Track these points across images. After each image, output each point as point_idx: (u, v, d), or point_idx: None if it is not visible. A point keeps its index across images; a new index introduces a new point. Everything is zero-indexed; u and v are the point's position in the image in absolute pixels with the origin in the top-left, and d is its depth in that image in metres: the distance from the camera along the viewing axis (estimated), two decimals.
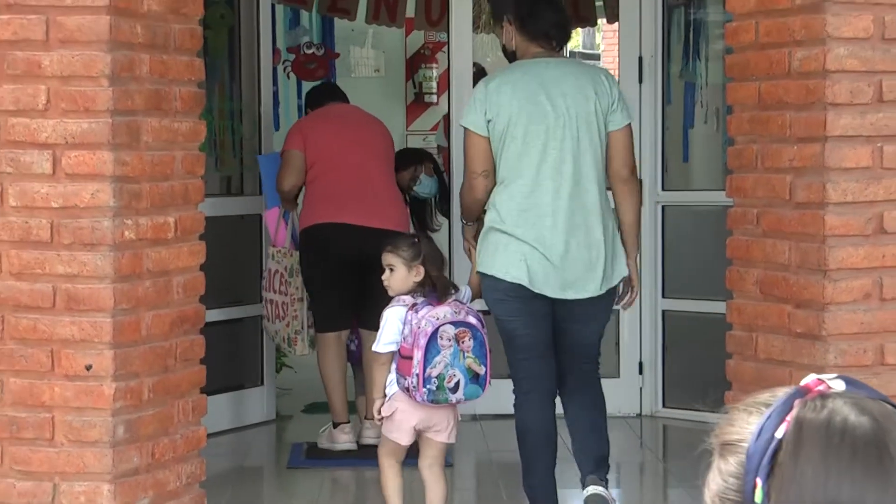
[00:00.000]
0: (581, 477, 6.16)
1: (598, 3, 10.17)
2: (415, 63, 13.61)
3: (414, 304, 5.72)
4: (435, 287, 5.77)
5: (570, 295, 6.00)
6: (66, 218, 4.63)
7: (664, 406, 8.61)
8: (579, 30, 13.97)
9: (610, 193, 6.17)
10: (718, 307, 5.38)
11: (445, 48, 9.16)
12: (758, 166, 4.98)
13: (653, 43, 8.61)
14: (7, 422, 4.68)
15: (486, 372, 5.86)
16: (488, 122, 6.03)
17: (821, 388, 1.63)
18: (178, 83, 4.89)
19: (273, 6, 8.99)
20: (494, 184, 6.06)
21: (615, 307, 6.39)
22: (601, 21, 11.30)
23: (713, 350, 5.43)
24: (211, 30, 7.42)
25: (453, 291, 5.94)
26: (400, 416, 5.70)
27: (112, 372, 4.63)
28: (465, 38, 8.65)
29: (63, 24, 4.58)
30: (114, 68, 4.60)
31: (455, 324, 5.71)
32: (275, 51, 9.75)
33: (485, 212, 6.07)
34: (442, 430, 5.79)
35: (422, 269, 5.72)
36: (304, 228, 7.54)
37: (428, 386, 5.55)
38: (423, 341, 5.57)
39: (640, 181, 8.31)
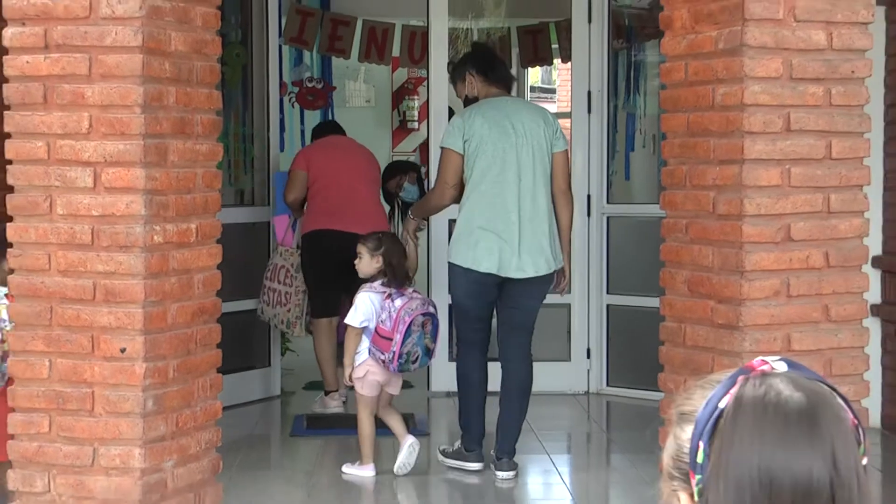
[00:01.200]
0: (495, 452, 6.59)
1: (553, 46, 10.16)
2: (400, 95, 13.73)
3: (389, 294, 6.27)
4: (395, 274, 6.36)
5: (527, 273, 6.43)
6: (105, 224, 4.62)
7: (608, 385, 8.61)
8: (538, 68, 13.95)
9: None
10: (653, 302, 5.40)
11: (426, 83, 9.18)
12: (686, 184, 4.97)
13: (600, 80, 8.63)
14: (55, 395, 4.67)
15: (434, 347, 6.58)
16: (465, 142, 6.46)
17: (764, 367, 1.62)
18: (200, 111, 4.89)
19: (280, 47, 9.00)
20: (458, 195, 6.56)
21: (552, 291, 6.74)
22: (556, 61, 11.27)
23: (649, 338, 5.46)
24: (228, 66, 7.46)
25: (409, 280, 6.55)
26: (371, 377, 6.37)
27: (143, 354, 4.61)
28: (441, 75, 8.65)
29: (103, 61, 4.58)
30: (145, 98, 4.59)
31: (424, 314, 6.36)
32: (281, 84, 9.77)
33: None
34: (395, 386, 6.60)
35: (381, 259, 6.34)
36: (304, 233, 7.81)
37: (400, 360, 6.27)
38: (402, 328, 6.19)
39: (589, 196, 8.46)
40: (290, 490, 6.46)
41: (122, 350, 4.63)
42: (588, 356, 8.69)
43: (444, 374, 8.62)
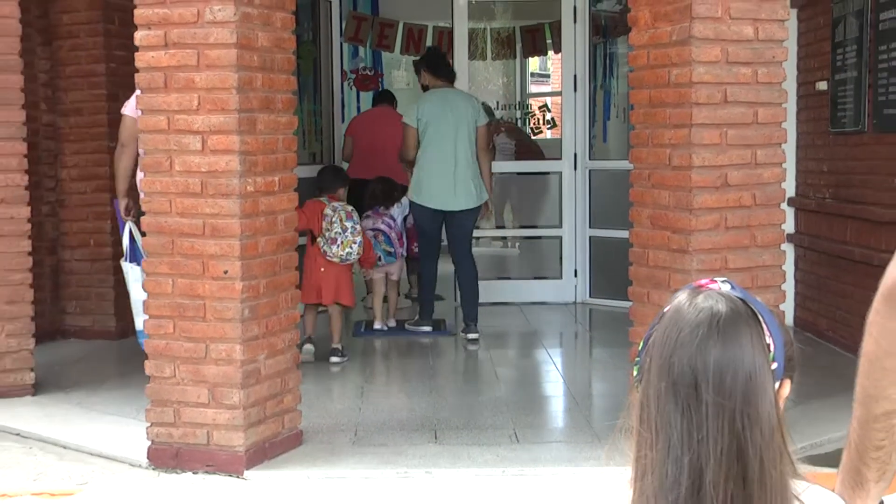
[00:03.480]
0: (464, 319, 7.37)
1: (548, 41, 10.11)
2: None
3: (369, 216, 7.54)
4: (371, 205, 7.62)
5: (460, 207, 7.29)
6: (210, 178, 4.62)
7: (590, 297, 8.66)
8: (537, 58, 13.86)
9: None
10: (624, 234, 5.38)
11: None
12: (649, 143, 4.92)
13: (583, 66, 8.62)
14: (177, 306, 4.70)
15: (395, 251, 7.61)
16: (418, 120, 7.30)
17: (712, 285, 1.51)
18: (280, 92, 4.86)
19: (341, 44, 9.01)
20: (416, 151, 7.34)
21: (480, 216, 7.62)
22: (550, 52, 11.20)
23: (621, 261, 5.48)
24: (301, 59, 7.43)
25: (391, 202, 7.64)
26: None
27: (240, 275, 4.62)
28: (463, 64, 8.68)
29: (208, 55, 4.58)
30: (239, 83, 4.58)
31: (373, 229, 7.45)
32: (342, 72, 9.79)
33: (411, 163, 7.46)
34: (395, 274, 7.74)
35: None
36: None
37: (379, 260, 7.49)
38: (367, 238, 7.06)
39: (575, 154, 8.41)
40: (349, 369, 6.55)
41: (225, 272, 4.64)
42: (575, 275, 8.76)
43: None
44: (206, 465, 4.71)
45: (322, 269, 6.65)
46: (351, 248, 6.60)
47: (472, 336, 7.25)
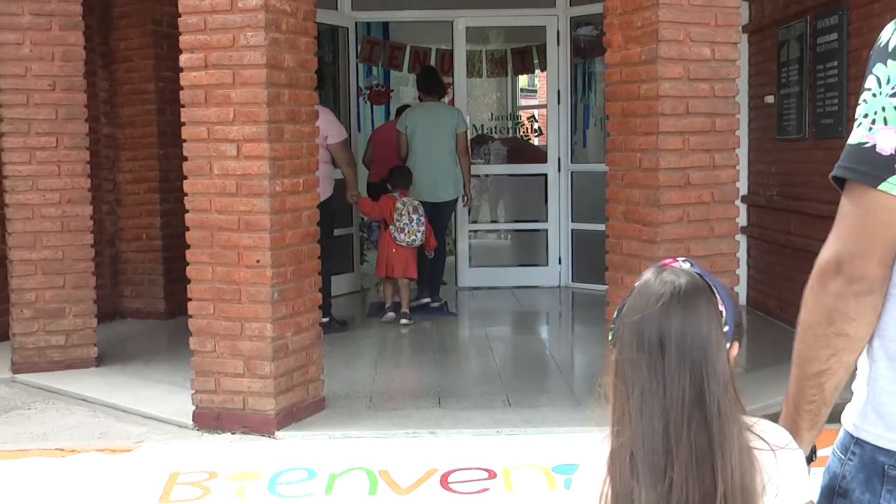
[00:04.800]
0: (429, 294, 7.64)
1: (535, 61, 10.08)
2: None
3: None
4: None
5: (442, 199, 7.54)
6: (244, 180, 4.61)
7: (572, 281, 8.63)
8: (526, 75, 13.81)
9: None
10: (601, 226, 5.36)
11: (452, 85, 9.11)
12: (622, 148, 4.89)
13: (566, 82, 8.57)
14: (216, 290, 4.69)
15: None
16: (406, 127, 7.57)
17: (675, 264, 1.55)
18: (304, 106, 4.84)
19: (357, 64, 8.97)
20: (407, 154, 7.57)
21: (464, 205, 8.00)
22: (537, 71, 11.20)
23: (599, 250, 5.46)
24: (322, 77, 7.41)
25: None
26: None
27: (270, 263, 4.61)
28: (462, 81, 8.65)
29: (242, 74, 4.56)
30: (269, 98, 4.56)
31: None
32: (358, 88, 9.75)
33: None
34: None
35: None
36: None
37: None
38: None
39: (559, 158, 8.37)
40: (365, 344, 6.54)
41: (257, 261, 4.63)
42: (559, 262, 8.72)
43: (467, 276, 8.66)
44: (243, 427, 4.70)
45: (394, 251, 7.12)
46: (416, 235, 7.07)
47: (437, 303, 7.64)
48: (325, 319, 6.28)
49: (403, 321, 7.06)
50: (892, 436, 1.45)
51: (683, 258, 1.57)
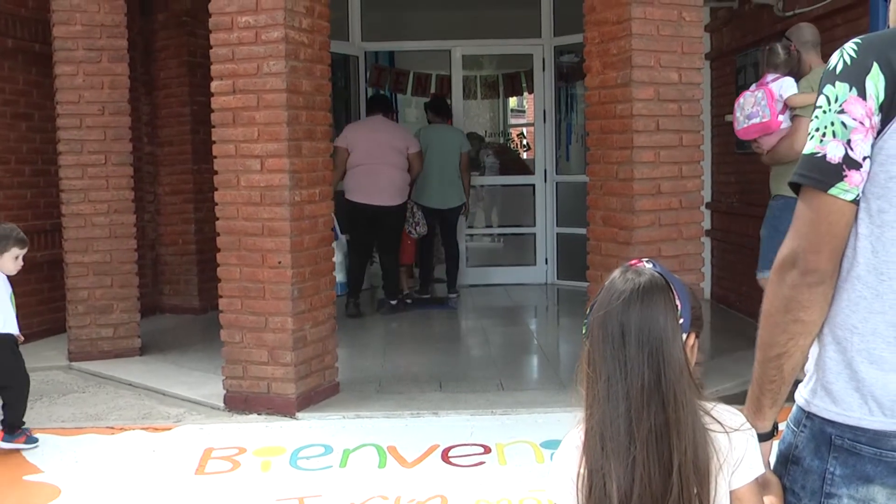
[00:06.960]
0: (447, 285, 7.78)
1: (523, 85, 10.07)
2: None
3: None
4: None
5: (447, 206, 7.58)
6: (267, 191, 4.60)
7: (557, 279, 8.63)
8: (515, 97, 13.79)
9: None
10: (583, 230, 5.35)
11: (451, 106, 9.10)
12: (601, 161, 4.89)
13: (551, 104, 8.56)
14: (243, 288, 4.68)
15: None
16: (422, 145, 7.40)
17: (639, 264, 1.55)
18: (320, 125, 4.82)
19: (366, 88, 8.96)
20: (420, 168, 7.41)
21: (462, 212, 7.85)
22: (525, 93, 11.18)
23: (580, 251, 5.44)
24: (336, 99, 7.41)
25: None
26: None
27: (290, 265, 4.60)
28: (459, 103, 8.64)
29: (264, 97, 4.56)
30: (289, 118, 4.56)
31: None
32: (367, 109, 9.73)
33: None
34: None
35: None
36: None
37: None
38: None
39: (546, 170, 8.35)
40: (372, 335, 6.53)
41: (279, 262, 4.62)
42: (546, 262, 8.70)
43: (465, 275, 8.64)
44: (267, 409, 4.69)
45: (408, 242, 7.59)
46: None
47: (452, 296, 7.78)
48: (392, 302, 7.36)
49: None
50: (838, 409, 1.46)
51: (647, 259, 1.58)
